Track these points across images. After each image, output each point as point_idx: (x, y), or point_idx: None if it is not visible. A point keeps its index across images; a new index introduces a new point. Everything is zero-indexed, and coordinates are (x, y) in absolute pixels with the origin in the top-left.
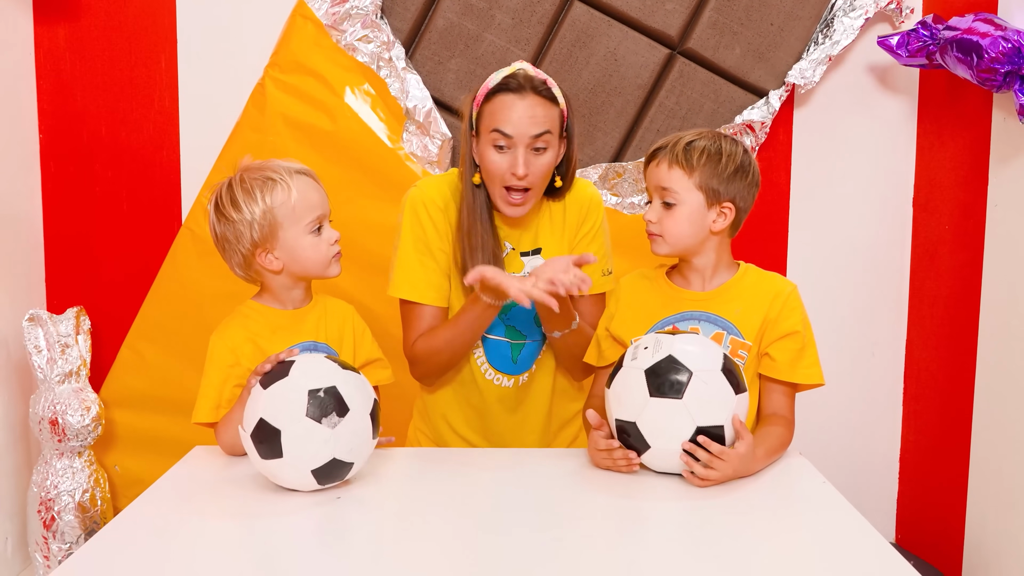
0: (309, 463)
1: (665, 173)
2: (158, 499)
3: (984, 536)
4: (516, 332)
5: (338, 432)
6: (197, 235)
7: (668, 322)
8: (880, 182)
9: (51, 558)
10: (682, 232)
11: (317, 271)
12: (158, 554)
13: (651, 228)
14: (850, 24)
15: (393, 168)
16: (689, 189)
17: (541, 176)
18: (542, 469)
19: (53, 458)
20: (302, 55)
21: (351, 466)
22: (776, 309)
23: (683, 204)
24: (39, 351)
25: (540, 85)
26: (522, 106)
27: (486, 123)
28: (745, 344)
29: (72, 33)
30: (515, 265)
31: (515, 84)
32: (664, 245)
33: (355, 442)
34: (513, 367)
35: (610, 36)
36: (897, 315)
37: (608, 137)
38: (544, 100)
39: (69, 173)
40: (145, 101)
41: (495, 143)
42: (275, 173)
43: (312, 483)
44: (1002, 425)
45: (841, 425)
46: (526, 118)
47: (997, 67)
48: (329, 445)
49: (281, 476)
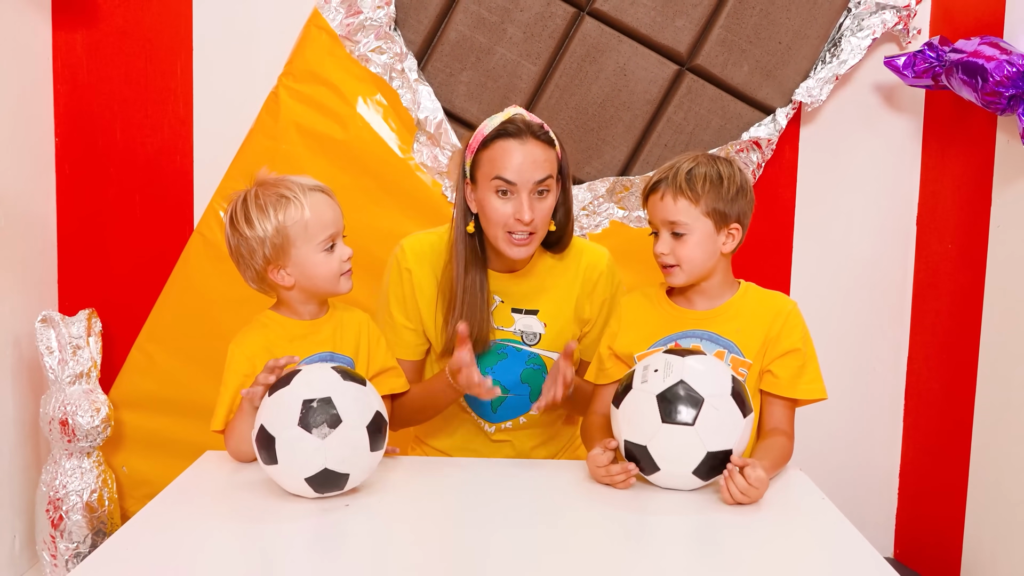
0: (301, 471)
1: (671, 206)
2: (168, 504)
3: (981, 553)
4: (499, 385)
5: (328, 443)
6: (209, 240)
7: (671, 339)
8: (884, 200)
9: (58, 557)
10: (696, 259)
11: (327, 287)
12: (166, 560)
13: (665, 260)
14: (857, 44)
15: (403, 177)
16: (697, 217)
17: (544, 219)
18: (543, 479)
19: (62, 458)
20: (316, 65)
21: (347, 477)
22: (777, 327)
23: (693, 233)
24: (51, 352)
25: (538, 130)
26: (523, 152)
27: (485, 171)
28: (745, 362)
29: (89, 39)
30: (504, 319)
31: (514, 129)
32: (681, 275)
33: (348, 453)
34: (493, 415)
35: (620, 51)
36: (899, 332)
37: (616, 151)
38: (543, 144)
39: (83, 176)
40: (160, 107)
41: (497, 189)
42: (289, 191)
43: (309, 491)
44: (1001, 444)
45: (841, 440)
46: (528, 164)
47: (1002, 90)
48: (320, 454)
49: (281, 482)
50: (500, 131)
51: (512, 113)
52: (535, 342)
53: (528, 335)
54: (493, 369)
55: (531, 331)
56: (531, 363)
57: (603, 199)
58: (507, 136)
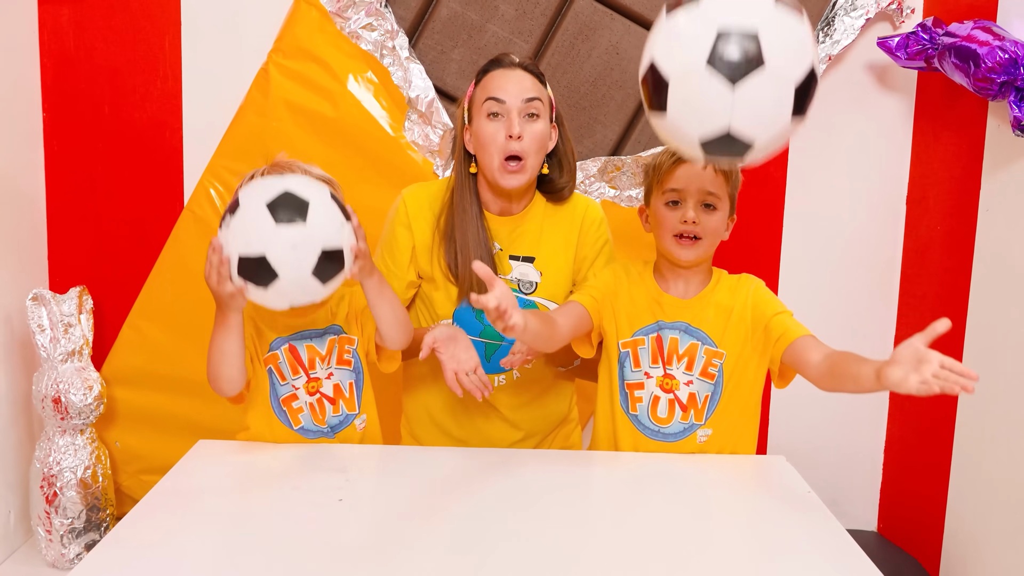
0: (305, 269)
1: (712, 176)
2: (160, 499)
3: (962, 528)
4: (494, 332)
5: (310, 226)
6: (199, 217)
7: (653, 328)
8: (875, 180)
9: (53, 532)
10: (717, 235)
11: None
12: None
13: (693, 230)
14: (851, 24)
15: (394, 156)
16: (725, 197)
17: (535, 143)
18: (534, 470)
19: (56, 435)
20: (306, 41)
21: (341, 253)
22: (755, 315)
23: (721, 210)
24: (42, 330)
25: (529, 64)
26: (512, 76)
27: (479, 98)
28: (718, 352)
29: (76, 13)
30: (503, 267)
31: (507, 61)
32: (700, 248)
33: (332, 227)
34: (487, 365)
35: (612, 30)
36: (887, 310)
37: (608, 130)
38: (532, 76)
39: (72, 153)
40: (148, 82)
41: (489, 112)
42: (290, 172)
43: (316, 285)
44: (983, 422)
45: (828, 419)
46: (515, 84)
47: (993, 77)
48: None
49: (285, 295)
50: (493, 62)
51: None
52: (531, 291)
53: (525, 283)
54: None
55: (528, 279)
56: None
57: (594, 178)
58: (497, 66)
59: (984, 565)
